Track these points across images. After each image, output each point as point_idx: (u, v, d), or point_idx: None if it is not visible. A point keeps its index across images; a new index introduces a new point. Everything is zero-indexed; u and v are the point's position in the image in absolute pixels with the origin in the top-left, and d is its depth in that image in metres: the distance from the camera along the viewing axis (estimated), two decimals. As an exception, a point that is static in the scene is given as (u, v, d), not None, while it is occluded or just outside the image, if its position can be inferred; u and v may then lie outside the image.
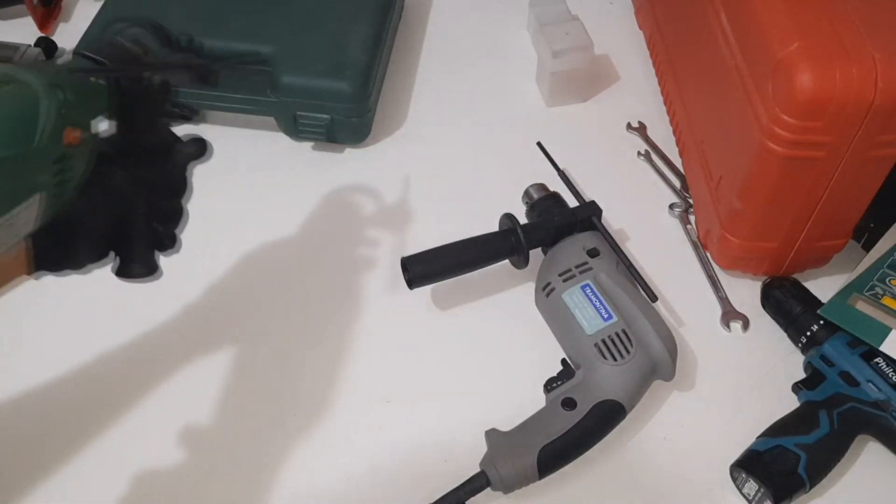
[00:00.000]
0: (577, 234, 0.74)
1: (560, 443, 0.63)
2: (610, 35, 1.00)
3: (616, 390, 0.65)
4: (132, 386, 0.72)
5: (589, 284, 0.70)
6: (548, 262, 0.74)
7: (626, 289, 0.70)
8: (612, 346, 0.67)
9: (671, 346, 0.68)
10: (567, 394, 0.65)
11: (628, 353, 0.66)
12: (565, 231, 0.74)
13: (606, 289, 0.70)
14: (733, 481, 0.67)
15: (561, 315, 0.70)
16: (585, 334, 0.68)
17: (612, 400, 0.65)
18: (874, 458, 0.68)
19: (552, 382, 0.67)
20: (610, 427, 0.66)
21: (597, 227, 0.75)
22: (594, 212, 0.76)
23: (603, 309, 0.68)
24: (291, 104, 0.87)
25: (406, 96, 0.97)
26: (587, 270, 0.71)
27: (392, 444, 0.69)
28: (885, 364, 0.67)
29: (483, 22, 1.05)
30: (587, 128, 0.94)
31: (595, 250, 0.72)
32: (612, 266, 0.72)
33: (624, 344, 0.66)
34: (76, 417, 0.70)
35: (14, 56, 0.95)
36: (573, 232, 0.74)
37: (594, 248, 0.72)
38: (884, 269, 0.72)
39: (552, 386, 0.67)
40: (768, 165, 0.67)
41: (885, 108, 0.61)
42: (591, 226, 0.75)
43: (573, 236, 0.74)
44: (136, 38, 0.57)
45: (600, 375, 0.66)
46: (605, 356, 0.66)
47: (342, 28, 0.89)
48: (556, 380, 0.68)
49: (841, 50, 0.61)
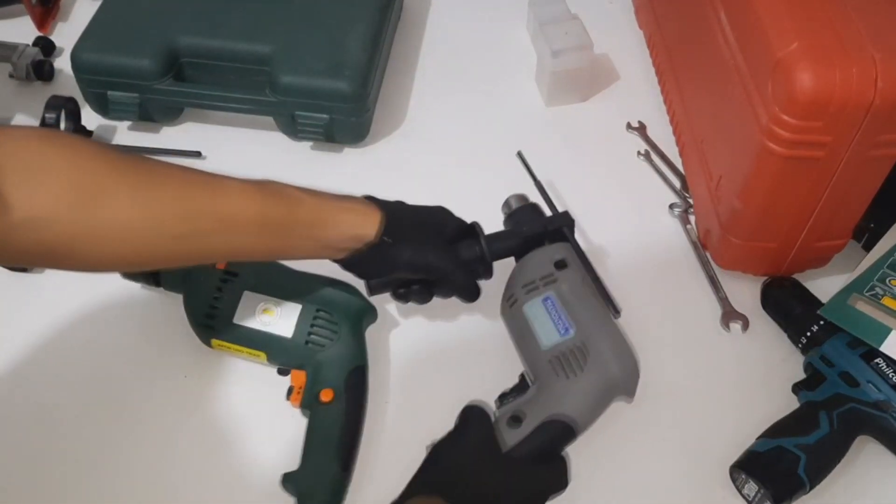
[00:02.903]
0: (548, 246, 0.71)
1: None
2: (610, 35, 1.00)
3: (566, 408, 0.61)
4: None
5: (550, 297, 0.66)
6: (515, 273, 0.71)
7: (588, 303, 0.66)
8: (565, 362, 0.63)
9: (629, 364, 0.63)
10: (516, 409, 0.62)
11: (581, 370, 0.62)
12: (535, 242, 0.71)
13: (568, 302, 0.66)
14: (733, 482, 0.67)
15: (520, 327, 0.67)
16: (541, 348, 0.64)
17: (560, 419, 0.60)
18: (874, 458, 0.68)
19: (505, 396, 0.65)
20: (556, 446, 0.62)
21: (567, 238, 0.72)
22: (565, 222, 0.72)
23: (561, 323, 0.65)
24: (290, 104, 0.87)
25: (405, 96, 0.97)
26: (551, 283, 0.67)
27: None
28: (886, 364, 0.67)
29: (483, 22, 1.05)
30: (587, 128, 0.94)
31: (563, 262, 0.68)
32: (578, 279, 0.67)
33: (578, 360, 0.62)
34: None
35: (12, 55, 0.95)
36: (544, 242, 0.71)
37: (562, 259, 0.69)
38: (884, 270, 0.72)
39: (504, 400, 0.65)
40: (768, 165, 0.67)
41: (885, 108, 0.61)
42: (564, 237, 0.72)
43: (543, 247, 0.71)
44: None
45: (551, 392, 0.62)
46: (557, 372, 0.62)
47: (341, 28, 0.89)
48: (509, 393, 0.65)
49: (841, 50, 0.61)
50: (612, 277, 0.79)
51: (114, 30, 0.89)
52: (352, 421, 0.67)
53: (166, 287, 0.75)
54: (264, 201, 0.60)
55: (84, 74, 0.88)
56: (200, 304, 0.71)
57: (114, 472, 0.68)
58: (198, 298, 0.71)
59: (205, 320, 0.70)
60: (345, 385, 0.68)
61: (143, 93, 0.88)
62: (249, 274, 0.71)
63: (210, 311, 0.70)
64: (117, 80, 0.87)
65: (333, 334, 0.69)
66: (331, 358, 0.69)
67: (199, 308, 0.71)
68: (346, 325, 0.70)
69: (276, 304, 0.70)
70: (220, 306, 0.70)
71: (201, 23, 0.89)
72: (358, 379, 0.69)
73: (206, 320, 0.70)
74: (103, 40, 0.88)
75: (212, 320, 0.70)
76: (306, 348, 0.69)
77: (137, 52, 0.87)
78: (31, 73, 0.95)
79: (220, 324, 0.70)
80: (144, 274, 0.74)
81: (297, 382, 0.69)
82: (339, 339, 0.69)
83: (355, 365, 0.69)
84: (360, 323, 0.72)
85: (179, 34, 0.88)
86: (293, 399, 0.69)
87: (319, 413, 0.67)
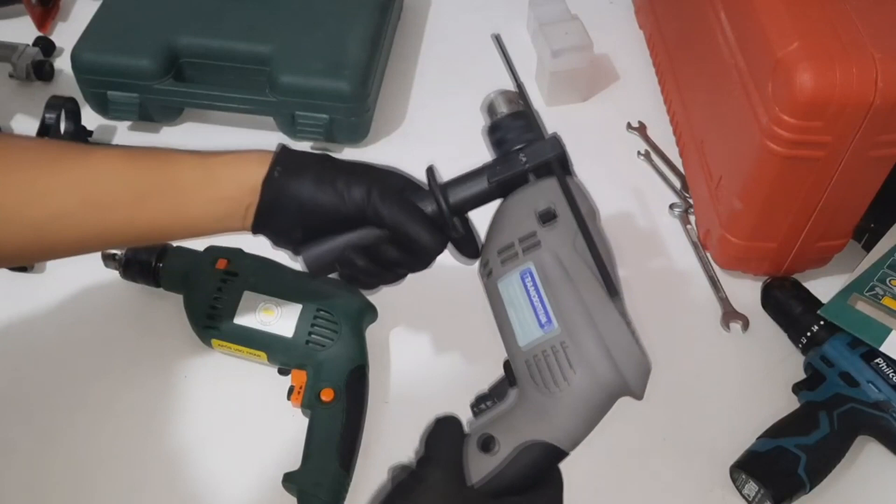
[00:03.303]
0: (533, 185, 0.53)
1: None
2: (610, 35, 0.99)
3: (546, 433, 0.47)
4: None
5: (530, 271, 0.49)
6: (492, 226, 0.54)
7: (578, 279, 0.48)
8: (544, 369, 0.47)
9: (630, 361, 0.47)
10: (489, 427, 0.49)
11: (565, 380, 0.47)
12: (511, 183, 0.54)
13: (549, 279, 0.49)
14: (733, 482, 0.67)
15: (497, 310, 0.52)
16: (518, 346, 0.49)
17: (542, 442, 0.47)
18: (874, 458, 0.68)
19: (483, 401, 0.52)
20: (541, 472, 0.49)
21: (556, 176, 0.52)
22: (553, 152, 0.53)
23: (542, 310, 0.48)
24: (290, 104, 0.87)
25: (405, 96, 0.97)
26: (533, 248, 0.50)
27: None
28: (886, 365, 0.67)
29: (482, 21, 1.05)
30: (587, 127, 0.93)
31: (550, 212, 0.51)
32: (568, 241, 0.50)
33: (560, 366, 0.47)
34: None
35: (12, 55, 0.95)
36: (528, 178, 0.54)
37: (549, 209, 0.51)
38: (884, 270, 0.72)
39: (479, 407, 0.51)
40: (768, 165, 0.67)
41: (885, 108, 0.61)
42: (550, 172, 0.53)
43: (526, 188, 0.53)
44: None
45: (529, 408, 0.48)
46: (536, 382, 0.48)
47: (341, 27, 0.89)
48: (488, 396, 0.52)
49: (841, 50, 0.61)
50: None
51: (114, 30, 0.89)
52: (352, 421, 0.67)
53: (166, 287, 0.75)
54: (137, 170, 0.52)
55: (84, 74, 0.88)
56: (200, 304, 0.71)
57: (114, 471, 0.68)
58: (198, 298, 0.71)
59: (205, 320, 0.70)
60: (345, 385, 0.68)
61: (143, 93, 0.88)
62: (249, 274, 0.71)
63: (210, 311, 0.70)
64: (117, 80, 0.87)
65: (334, 334, 0.69)
66: (331, 358, 0.69)
67: (199, 308, 0.71)
68: (347, 325, 0.70)
69: (276, 303, 0.70)
70: (221, 306, 0.70)
71: (201, 23, 0.89)
72: (358, 379, 0.69)
73: (206, 320, 0.70)
74: (103, 40, 0.88)
75: (212, 320, 0.70)
76: (307, 348, 0.69)
77: (137, 52, 0.87)
78: (31, 73, 0.95)
79: (221, 324, 0.70)
80: (144, 274, 0.74)
81: (297, 382, 0.69)
82: (340, 339, 0.69)
83: (356, 364, 0.69)
84: (360, 322, 0.72)
85: (179, 34, 0.88)
86: (294, 399, 0.69)
87: (320, 413, 0.67)
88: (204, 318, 0.70)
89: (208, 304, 0.70)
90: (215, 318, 0.70)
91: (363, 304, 0.72)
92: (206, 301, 0.70)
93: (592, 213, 0.53)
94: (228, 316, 0.70)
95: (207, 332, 0.71)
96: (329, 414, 0.67)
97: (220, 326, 0.70)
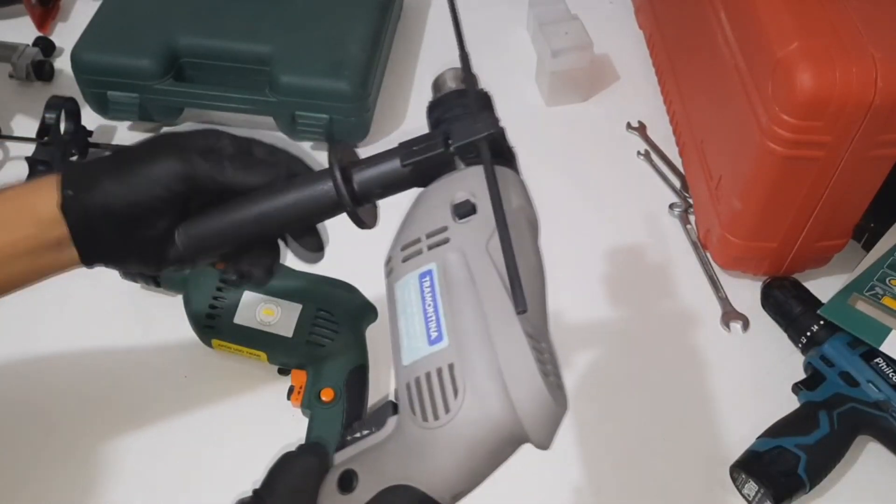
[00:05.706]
0: (457, 172, 0.44)
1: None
2: (610, 35, 1.00)
3: (421, 473, 0.38)
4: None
5: (431, 272, 0.41)
6: (404, 219, 0.45)
7: (483, 287, 0.39)
8: (425, 393, 0.38)
9: (533, 398, 0.36)
10: (353, 462, 0.40)
11: (447, 411, 0.37)
12: (434, 169, 0.45)
13: (451, 284, 0.40)
14: (733, 482, 0.67)
15: (391, 316, 0.43)
16: (401, 363, 0.40)
17: (410, 488, 0.38)
18: (874, 458, 0.68)
19: (358, 426, 0.42)
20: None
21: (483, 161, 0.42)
22: (485, 132, 0.43)
23: (434, 322, 0.39)
24: (290, 104, 0.87)
25: (405, 96, 0.97)
26: (439, 245, 0.41)
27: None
28: (886, 364, 0.67)
29: (483, 21, 1.04)
30: (587, 127, 0.94)
31: (468, 205, 0.42)
32: (482, 241, 0.40)
33: (444, 393, 0.37)
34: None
35: (12, 56, 0.95)
36: (454, 163, 0.45)
37: (467, 200, 0.42)
38: (884, 269, 0.72)
39: (354, 436, 0.42)
40: (768, 165, 0.67)
41: (885, 108, 0.61)
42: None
43: (450, 175, 0.44)
44: None
45: (404, 441, 0.39)
46: (414, 410, 0.38)
47: (341, 27, 0.89)
48: (366, 422, 0.42)
49: (841, 50, 0.61)
50: (612, 277, 0.80)
51: (114, 30, 0.89)
52: (352, 420, 0.67)
53: (166, 287, 0.75)
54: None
55: (84, 74, 0.88)
56: (201, 304, 0.71)
57: (114, 471, 0.68)
58: (198, 298, 0.71)
59: (205, 320, 0.70)
60: (345, 385, 0.68)
61: (143, 93, 0.88)
62: None
63: (210, 311, 0.70)
64: (117, 80, 0.87)
65: (334, 334, 0.69)
66: (331, 358, 0.69)
67: (199, 308, 0.71)
68: (347, 325, 0.70)
69: (276, 303, 0.70)
70: (221, 306, 0.70)
71: (201, 23, 0.89)
72: (358, 378, 0.69)
73: (206, 320, 0.70)
74: (103, 40, 0.88)
75: (212, 320, 0.70)
76: (307, 348, 0.69)
77: (137, 52, 0.87)
78: (31, 73, 0.95)
79: (221, 324, 0.70)
80: (144, 274, 0.74)
81: (297, 382, 0.69)
82: (340, 339, 0.69)
83: (356, 364, 0.69)
84: (360, 323, 0.72)
85: (179, 34, 0.88)
86: (294, 399, 0.69)
87: (320, 413, 0.67)
88: (204, 318, 0.70)
89: (208, 303, 0.70)
90: (215, 317, 0.70)
91: (363, 304, 0.72)
92: (206, 301, 0.70)
93: (534, 221, 0.44)
94: (229, 316, 0.70)
95: (207, 332, 0.70)
96: (329, 414, 0.67)
97: (220, 326, 0.70)
